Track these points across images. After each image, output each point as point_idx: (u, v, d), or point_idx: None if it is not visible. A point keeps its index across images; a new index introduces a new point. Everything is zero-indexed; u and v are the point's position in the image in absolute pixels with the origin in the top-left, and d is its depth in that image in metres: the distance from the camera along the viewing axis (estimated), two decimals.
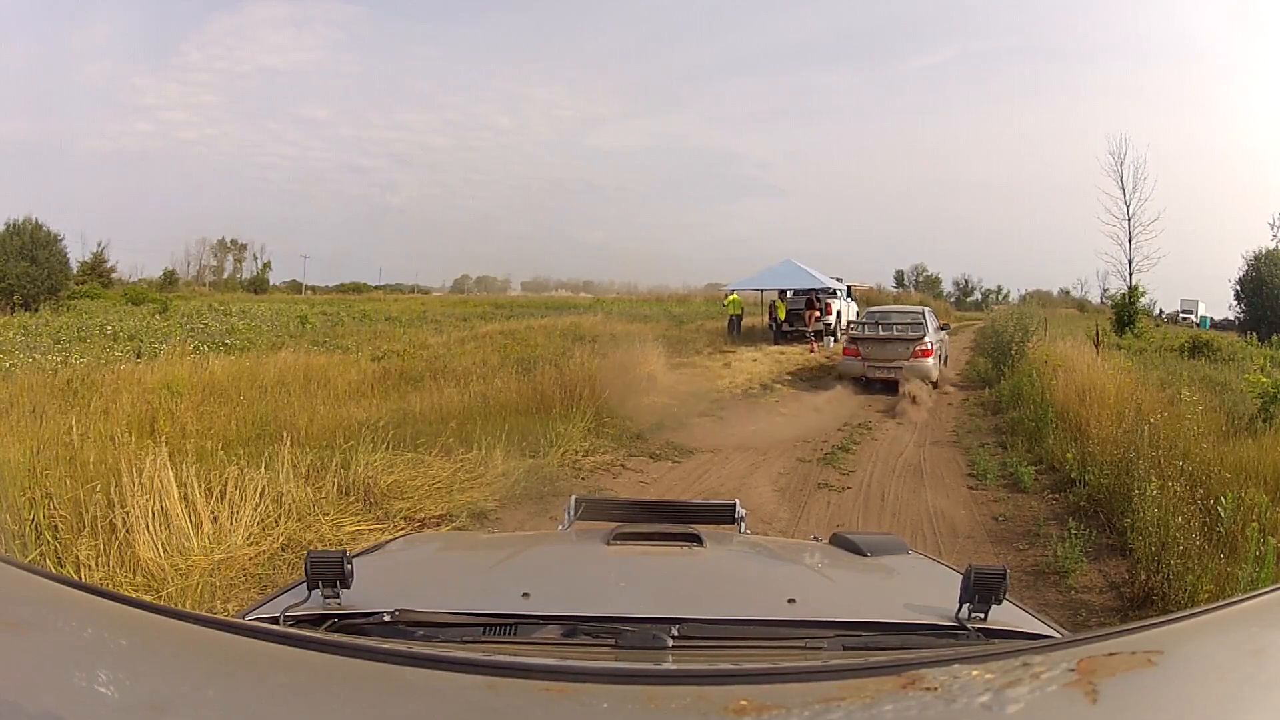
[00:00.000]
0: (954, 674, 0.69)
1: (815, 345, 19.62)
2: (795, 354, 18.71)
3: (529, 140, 35.42)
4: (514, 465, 7.43)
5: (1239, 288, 20.70)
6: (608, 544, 1.71)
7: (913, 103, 36.85)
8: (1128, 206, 20.58)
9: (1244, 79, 32.15)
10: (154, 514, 5.04)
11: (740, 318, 21.90)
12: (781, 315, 20.40)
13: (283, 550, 5.32)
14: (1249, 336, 18.85)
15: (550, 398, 10.25)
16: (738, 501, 2.29)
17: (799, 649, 1.26)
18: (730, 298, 22.23)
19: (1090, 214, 34.89)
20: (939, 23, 36.82)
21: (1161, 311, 23.71)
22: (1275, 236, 21.62)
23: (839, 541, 1.89)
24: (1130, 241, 20.57)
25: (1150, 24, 35.29)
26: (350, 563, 1.32)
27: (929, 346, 13.74)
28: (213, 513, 5.36)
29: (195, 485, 5.34)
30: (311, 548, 5.82)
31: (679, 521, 2.07)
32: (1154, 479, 5.85)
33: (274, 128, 36.14)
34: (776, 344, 19.36)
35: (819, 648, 1.25)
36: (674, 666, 1.10)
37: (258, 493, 5.60)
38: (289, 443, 6.40)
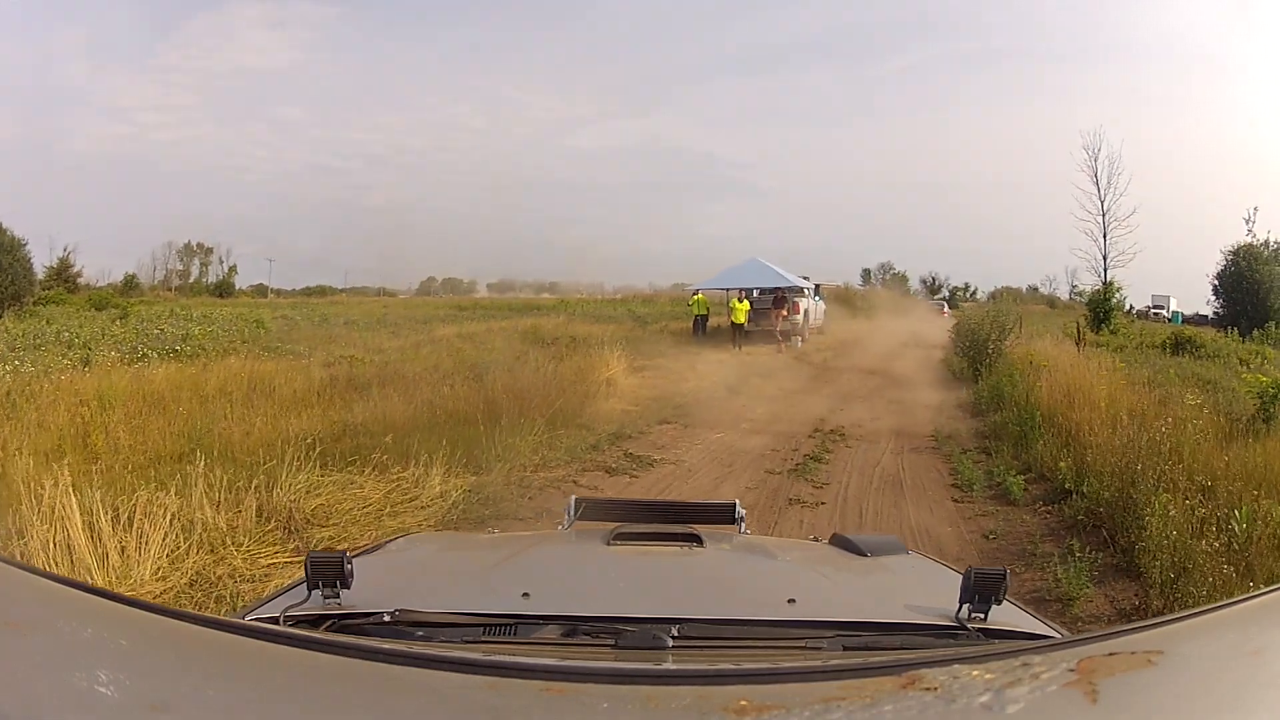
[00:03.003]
0: (954, 674, 0.71)
1: (783, 345, 19.61)
2: (763, 354, 18.67)
3: (502, 142, 34.76)
4: (455, 484, 7.18)
5: (1217, 282, 20.43)
6: (608, 544, 1.75)
7: (885, 103, 35.94)
8: (1102, 202, 20.39)
9: (1214, 76, 33.00)
10: (55, 545, 4.82)
11: (706, 318, 21.62)
12: (740, 319, 19.93)
13: (190, 587, 5.04)
14: (1230, 332, 18.67)
15: (501, 406, 9.83)
16: (737, 501, 2.32)
17: (799, 649, 1.28)
18: (696, 297, 22.09)
19: (1058, 211, 35.77)
20: (914, 25, 37.51)
21: (1132, 307, 24.02)
22: (1250, 232, 21.39)
23: (839, 541, 1.94)
24: (1105, 237, 20.41)
25: (1115, 23, 35.51)
26: (350, 563, 1.33)
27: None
28: (120, 543, 5.10)
29: (101, 512, 5.08)
30: (220, 583, 5.29)
31: (679, 522, 2.11)
32: (1162, 493, 5.71)
33: (246, 129, 35.56)
34: (742, 345, 19.21)
35: (819, 648, 1.28)
36: (674, 667, 1.11)
37: (168, 519, 5.35)
38: (209, 461, 6.25)
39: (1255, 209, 21.21)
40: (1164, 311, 26.63)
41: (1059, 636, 1.27)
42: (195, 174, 32.34)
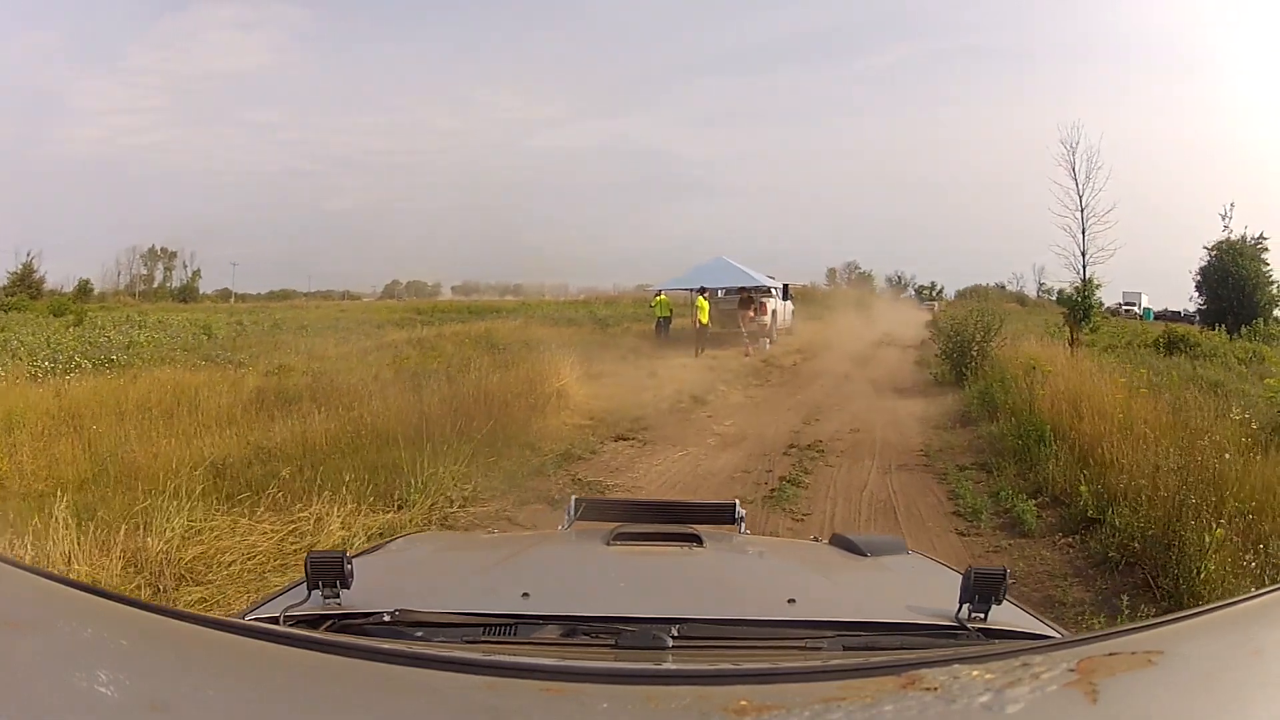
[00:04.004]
0: (954, 674, 0.72)
1: (750, 348, 18.91)
2: (729, 358, 17.79)
3: (469, 143, 34.88)
4: (364, 523, 6.35)
5: (1200, 278, 19.99)
6: (608, 544, 1.75)
7: (851, 104, 36.26)
8: (1080, 196, 19.84)
9: (1184, 72, 33.47)
10: None
11: (669, 320, 20.95)
12: (704, 319, 19.12)
13: None
14: (1218, 329, 18.36)
15: (436, 424, 8.92)
16: (737, 502, 2.33)
17: (799, 649, 1.30)
18: (658, 298, 21.65)
19: (1024, 209, 36.79)
20: (884, 25, 38.52)
21: (1102, 304, 23.21)
22: (1226, 227, 20.89)
23: (839, 541, 1.95)
24: (1084, 233, 19.81)
25: (1077, 22, 36.44)
26: (350, 563, 1.34)
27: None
28: None
29: None
30: None
31: (679, 521, 2.12)
32: (1217, 528, 5.02)
33: (215, 131, 34.61)
34: (708, 348, 18.42)
35: (819, 648, 1.29)
36: (674, 667, 1.12)
37: None
38: (109, 488, 6.18)
39: (1232, 204, 21.11)
40: (1135, 308, 27.07)
41: (1059, 636, 1.30)
42: (164, 177, 32.02)
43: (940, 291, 31.59)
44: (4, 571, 0.94)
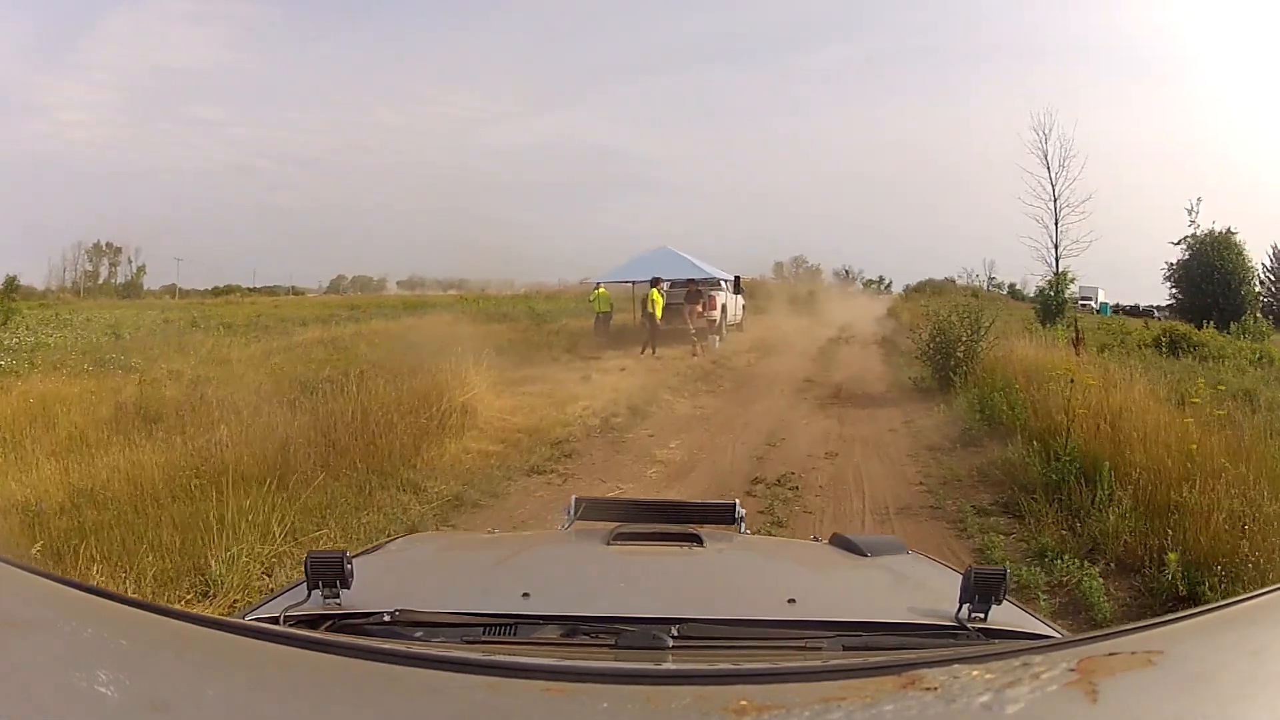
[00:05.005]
0: (954, 674, 0.72)
1: (699, 347, 17.18)
2: (675, 359, 16.01)
3: (419, 140, 36.30)
4: None
5: (1181, 272, 19.05)
6: (608, 544, 1.75)
7: (799, 100, 38.43)
8: (1053, 186, 18.97)
9: (1135, 72, 33.96)
10: None
11: (609, 316, 19.61)
12: (658, 313, 17.46)
13: None
14: (1205, 326, 18.00)
15: (302, 454, 7.17)
16: (737, 501, 2.30)
17: (799, 649, 1.30)
18: (598, 292, 20.20)
19: (973, 205, 37.50)
20: (829, 23, 41.09)
21: (1077, 298, 23.72)
22: (1193, 222, 20.72)
23: (839, 542, 1.93)
24: (1057, 224, 18.88)
25: (1021, 21, 38.55)
26: (350, 563, 1.34)
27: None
28: None
29: None
30: None
31: (679, 521, 2.11)
32: None
33: (161, 127, 35.30)
34: (651, 347, 16.81)
35: (819, 648, 1.29)
36: (674, 667, 1.11)
37: None
38: None
39: (1199, 199, 21.07)
40: (1092, 302, 27.37)
41: (1059, 636, 1.29)
42: (112, 173, 32.00)
43: (889, 285, 32.37)
44: (4, 571, 0.94)
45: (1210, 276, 18.77)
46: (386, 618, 1.29)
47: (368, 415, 8.26)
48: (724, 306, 19.15)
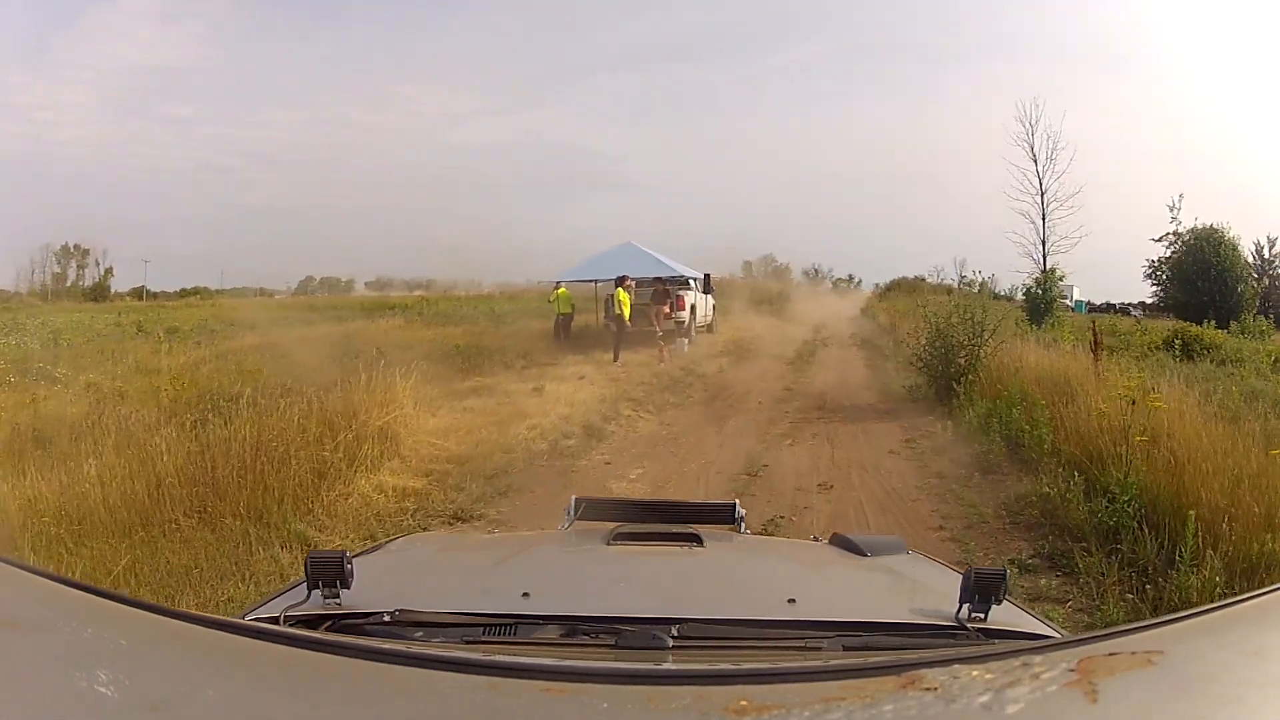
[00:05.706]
0: (954, 674, 0.72)
1: (665, 351, 15.85)
2: (640, 365, 14.70)
3: (388, 138, 35.86)
4: None
5: (1172, 270, 18.49)
6: (608, 544, 1.75)
7: (767, 99, 37.34)
8: (1040, 180, 18.25)
9: (1110, 70, 35.52)
10: None
11: (570, 318, 18.37)
12: (626, 313, 16.18)
13: None
14: (1207, 324, 17.23)
15: (170, 497, 6.08)
16: (737, 501, 2.30)
17: (799, 649, 1.29)
18: (558, 292, 18.66)
19: (943, 203, 36.99)
20: (800, 21, 39.69)
21: (1065, 297, 22.89)
22: (1175, 219, 20.37)
23: (839, 542, 1.94)
24: (1044, 219, 18.16)
25: (989, 19, 37.44)
26: (350, 563, 1.34)
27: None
28: None
29: None
30: None
31: (679, 521, 2.12)
32: None
33: (132, 127, 33.92)
34: (614, 353, 15.59)
35: (819, 648, 1.28)
36: (674, 667, 1.12)
37: None
38: None
39: (1181, 196, 20.41)
40: (1067, 300, 26.53)
41: (1059, 636, 1.29)
42: (80, 173, 31.50)
43: (859, 283, 32.19)
44: (4, 571, 0.94)
45: (1205, 274, 18.23)
46: (386, 618, 1.30)
47: (260, 446, 6.76)
48: (693, 307, 18.08)
